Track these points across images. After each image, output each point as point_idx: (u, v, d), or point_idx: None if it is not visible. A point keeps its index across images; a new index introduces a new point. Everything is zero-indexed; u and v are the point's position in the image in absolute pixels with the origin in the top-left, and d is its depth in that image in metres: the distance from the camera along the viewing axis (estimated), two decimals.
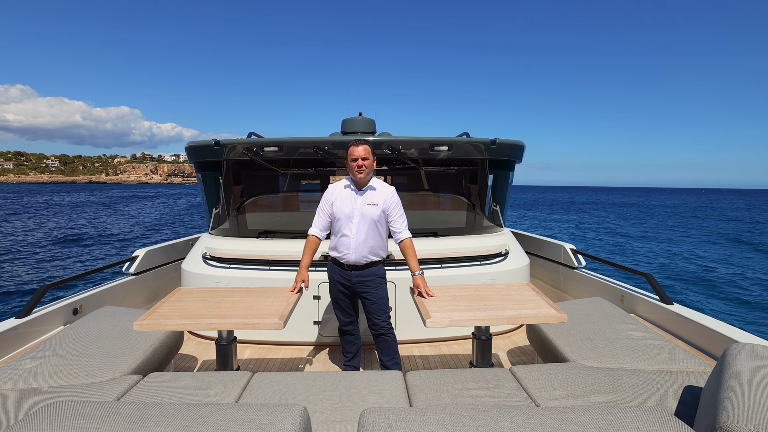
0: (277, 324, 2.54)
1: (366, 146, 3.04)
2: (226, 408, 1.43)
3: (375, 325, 3.18)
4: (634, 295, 3.92)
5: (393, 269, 3.96)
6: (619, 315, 3.29)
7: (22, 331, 3.23)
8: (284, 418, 1.36)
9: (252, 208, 4.65)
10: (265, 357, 3.84)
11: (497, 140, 4.29)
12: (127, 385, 2.38)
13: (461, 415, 1.41)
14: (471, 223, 4.70)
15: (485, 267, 4.21)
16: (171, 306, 2.85)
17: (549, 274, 5.53)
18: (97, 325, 3.16)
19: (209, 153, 4.36)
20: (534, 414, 1.41)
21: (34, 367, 2.53)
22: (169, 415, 1.38)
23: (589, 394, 2.23)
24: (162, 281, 5.27)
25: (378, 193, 3.11)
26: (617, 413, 1.42)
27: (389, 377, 2.43)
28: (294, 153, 4.15)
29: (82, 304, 3.90)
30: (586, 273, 4.75)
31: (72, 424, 1.32)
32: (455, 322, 2.59)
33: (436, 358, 3.81)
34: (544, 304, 2.83)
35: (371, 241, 3.09)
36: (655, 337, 2.88)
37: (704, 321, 3.12)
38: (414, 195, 4.72)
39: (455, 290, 3.13)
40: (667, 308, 3.49)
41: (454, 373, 2.47)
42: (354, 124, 5.16)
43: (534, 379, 2.40)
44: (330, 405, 2.14)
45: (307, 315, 3.98)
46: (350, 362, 3.38)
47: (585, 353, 2.71)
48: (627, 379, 2.34)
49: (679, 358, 2.60)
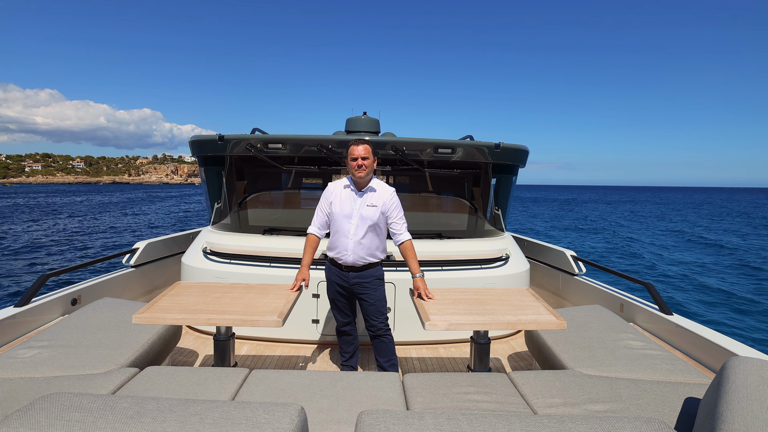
0: (276, 322, 2.54)
1: (366, 146, 3.03)
2: (223, 405, 1.43)
3: (372, 326, 3.17)
4: (633, 304, 3.91)
5: (393, 270, 3.95)
6: (619, 324, 3.28)
7: (20, 320, 3.23)
8: (281, 417, 1.36)
9: (254, 204, 4.65)
10: (263, 354, 3.83)
11: (501, 144, 4.28)
12: (124, 377, 2.38)
13: (459, 420, 1.41)
14: (472, 226, 4.69)
15: (485, 271, 4.21)
16: (170, 300, 2.85)
17: (549, 280, 5.52)
18: (96, 317, 3.16)
19: (213, 148, 4.36)
20: (532, 422, 1.41)
21: (32, 357, 2.53)
22: (166, 411, 1.38)
23: (587, 402, 2.23)
24: (161, 274, 5.27)
25: (378, 195, 3.10)
26: (615, 423, 1.41)
27: (387, 379, 2.43)
28: (297, 150, 4.15)
29: (81, 294, 3.90)
30: (586, 280, 4.74)
31: (69, 417, 1.32)
32: (454, 325, 2.58)
33: (434, 360, 3.80)
34: (543, 310, 2.82)
35: (369, 243, 3.08)
36: (653, 348, 2.87)
37: (704, 333, 3.11)
38: (416, 196, 4.71)
39: (455, 294, 3.13)
40: (666, 318, 3.48)
41: (452, 377, 2.46)
42: (358, 123, 5.15)
43: (531, 385, 2.39)
44: (327, 405, 2.14)
45: (306, 313, 3.98)
46: (348, 362, 3.38)
47: (583, 361, 2.71)
48: (625, 389, 2.33)
49: (677, 369, 2.59)
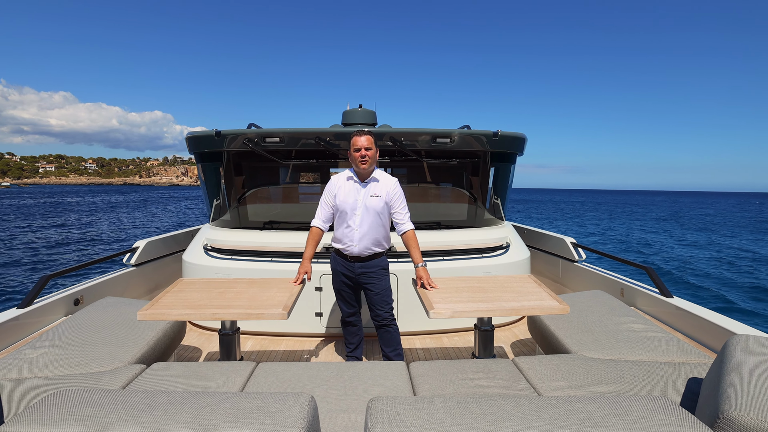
0: (281, 314, 2.55)
1: (369, 137, 3.03)
2: (234, 396, 1.44)
3: (378, 316, 3.19)
4: (634, 288, 3.94)
5: (395, 261, 3.96)
6: (620, 307, 3.31)
7: (23, 321, 3.23)
8: (292, 405, 1.37)
9: (253, 199, 4.64)
10: (267, 348, 3.85)
11: (499, 132, 4.28)
12: (131, 374, 2.38)
13: (468, 403, 1.42)
14: (472, 215, 4.70)
15: (486, 260, 4.22)
16: (174, 296, 2.85)
17: (549, 268, 5.55)
18: (99, 316, 3.16)
19: (210, 143, 4.34)
20: (540, 402, 1.43)
21: (38, 357, 2.54)
22: (177, 404, 1.38)
23: (592, 384, 2.25)
24: (162, 272, 5.26)
25: (381, 185, 3.11)
26: (622, 402, 1.43)
27: (393, 367, 2.45)
28: (295, 144, 4.14)
29: (83, 294, 3.90)
30: (587, 266, 4.77)
31: (81, 412, 1.33)
32: (458, 313, 2.60)
33: (438, 350, 3.82)
34: (546, 296, 2.84)
35: (374, 233, 3.10)
36: (655, 330, 2.90)
37: (704, 314, 3.14)
38: (415, 187, 4.71)
39: (457, 282, 3.14)
40: (667, 301, 3.51)
41: (457, 364, 2.48)
42: (354, 116, 5.13)
43: (536, 369, 2.42)
44: (335, 394, 2.15)
45: (309, 306, 3.99)
46: (353, 353, 3.40)
47: (586, 345, 2.73)
48: (628, 371, 2.36)
49: (679, 350, 2.62)
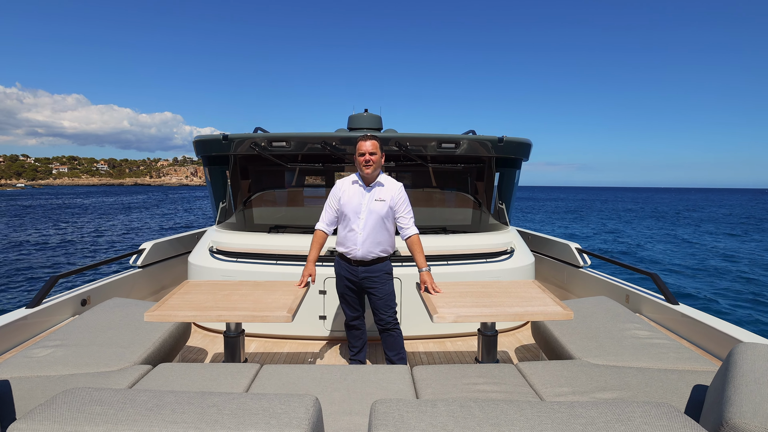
0: (285, 317, 2.57)
1: (374, 141, 3.05)
2: (239, 397, 1.45)
3: (381, 320, 3.20)
4: (639, 295, 3.92)
5: (399, 265, 3.98)
6: (625, 314, 3.30)
7: (32, 320, 3.27)
8: (297, 407, 1.38)
9: (258, 202, 4.68)
10: (271, 351, 3.87)
11: (504, 138, 4.29)
12: (138, 374, 2.41)
13: (471, 407, 1.43)
14: (477, 220, 4.71)
15: (490, 265, 4.23)
16: (180, 298, 2.88)
17: (554, 273, 5.54)
18: (106, 316, 3.20)
19: (217, 147, 4.38)
20: (543, 408, 1.43)
21: (46, 356, 2.57)
22: (185, 403, 1.40)
23: (595, 390, 2.25)
24: (168, 274, 5.31)
25: (385, 189, 3.13)
26: (625, 408, 1.44)
27: (396, 371, 2.46)
28: (301, 148, 4.17)
29: (91, 295, 3.95)
30: (591, 272, 4.76)
31: (90, 410, 1.35)
32: (462, 317, 2.60)
33: (441, 354, 3.83)
34: (550, 301, 2.84)
35: (378, 237, 3.11)
36: (660, 337, 2.89)
37: (710, 321, 3.13)
38: (420, 192, 4.73)
39: (461, 287, 3.15)
40: (672, 308, 3.49)
41: (460, 368, 2.49)
42: (360, 120, 5.17)
43: (540, 375, 2.42)
44: (338, 397, 2.17)
45: (313, 309, 4.01)
46: (356, 356, 3.41)
47: (590, 351, 2.73)
48: (632, 377, 2.35)
49: (684, 357, 2.61)
